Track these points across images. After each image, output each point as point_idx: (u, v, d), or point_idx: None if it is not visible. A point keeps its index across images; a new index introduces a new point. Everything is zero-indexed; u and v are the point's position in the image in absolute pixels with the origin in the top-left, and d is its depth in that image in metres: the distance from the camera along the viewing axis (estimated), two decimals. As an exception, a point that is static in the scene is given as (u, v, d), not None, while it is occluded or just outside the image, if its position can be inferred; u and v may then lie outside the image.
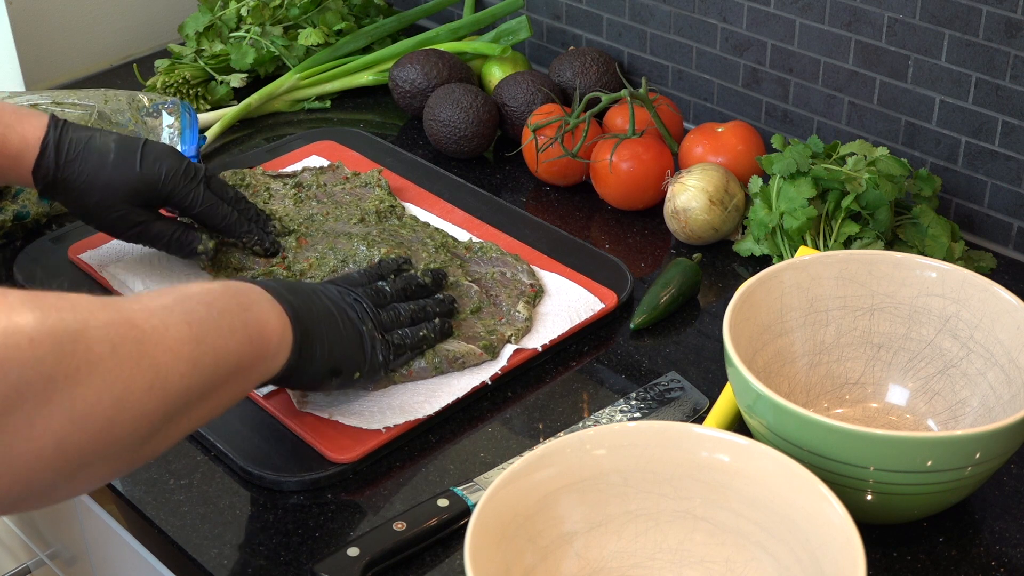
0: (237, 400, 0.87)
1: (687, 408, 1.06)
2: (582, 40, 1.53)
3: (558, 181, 1.36)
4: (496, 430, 1.05)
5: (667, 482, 0.88)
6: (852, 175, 1.16)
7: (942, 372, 1.01)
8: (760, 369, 0.99)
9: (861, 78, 1.27)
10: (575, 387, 1.10)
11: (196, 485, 1.00)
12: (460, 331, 1.10)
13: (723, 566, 0.87)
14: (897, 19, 1.22)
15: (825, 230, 1.17)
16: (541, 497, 0.85)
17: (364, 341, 0.99)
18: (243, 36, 1.56)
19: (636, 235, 1.29)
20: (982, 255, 1.22)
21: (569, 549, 0.87)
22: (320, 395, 1.05)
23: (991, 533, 0.95)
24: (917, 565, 0.92)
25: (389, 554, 0.92)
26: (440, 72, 1.47)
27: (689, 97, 1.45)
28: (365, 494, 0.99)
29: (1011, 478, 0.99)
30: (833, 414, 1.03)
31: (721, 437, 0.87)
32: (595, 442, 0.87)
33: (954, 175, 1.25)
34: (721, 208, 1.23)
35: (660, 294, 1.17)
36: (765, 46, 1.34)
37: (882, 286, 1.03)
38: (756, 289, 1.00)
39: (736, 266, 1.24)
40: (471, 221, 1.27)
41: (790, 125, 1.36)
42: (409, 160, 1.39)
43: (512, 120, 1.42)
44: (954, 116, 1.22)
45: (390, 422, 1.02)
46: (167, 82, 1.50)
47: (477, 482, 0.97)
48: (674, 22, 1.42)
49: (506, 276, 1.17)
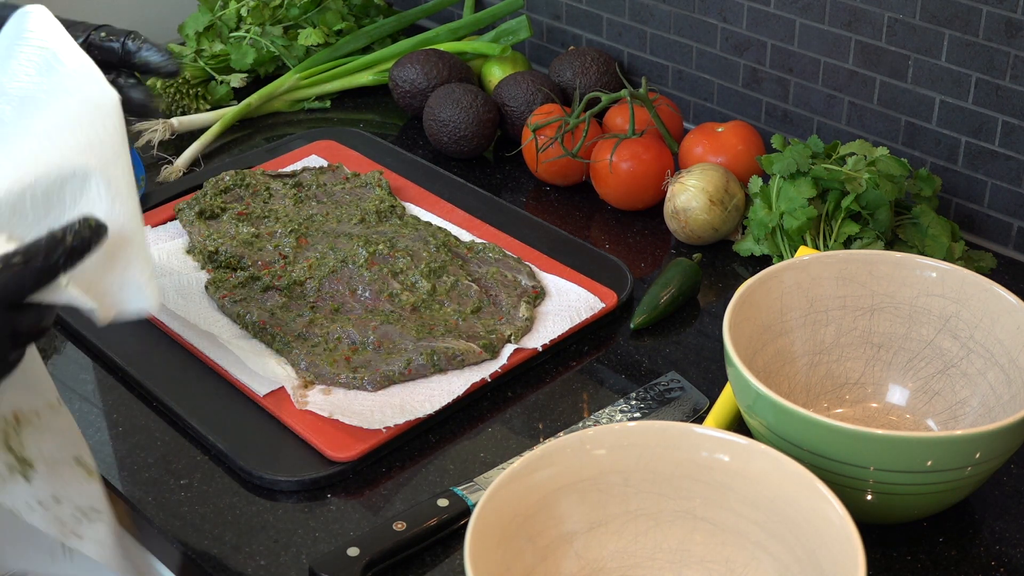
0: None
1: (687, 408, 1.06)
2: (582, 40, 1.53)
3: (558, 181, 1.36)
4: (496, 430, 1.05)
5: (667, 482, 0.88)
6: (852, 175, 1.16)
7: (942, 372, 1.01)
8: (760, 369, 0.99)
9: (861, 78, 1.27)
10: (575, 387, 1.10)
11: (196, 485, 1.00)
12: (460, 330, 1.10)
13: (723, 566, 0.87)
14: (897, 19, 1.22)
15: (825, 230, 1.17)
16: (541, 497, 0.85)
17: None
18: (243, 36, 1.56)
19: (636, 235, 1.29)
20: (982, 255, 1.22)
21: (569, 549, 0.87)
22: (320, 395, 1.05)
23: (991, 533, 0.95)
24: (917, 565, 0.92)
25: (389, 554, 0.92)
26: (440, 72, 1.47)
27: (689, 97, 1.45)
28: (365, 494, 0.99)
29: (1011, 478, 0.99)
30: (833, 414, 1.03)
31: (721, 437, 0.87)
32: (595, 442, 0.87)
33: (954, 175, 1.25)
34: (721, 208, 1.23)
35: (660, 294, 1.17)
36: (765, 46, 1.34)
37: (882, 286, 1.03)
38: (756, 289, 1.00)
39: (736, 266, 1.24)
40: (471, 221, 1.27)
41: (790, 125, 1.36)
42: (409, 160, 1.39)
43: (512, 120, 1.42)
44: (954, 116, 1.22)
45: (390, 421, 1.02)
46: (167, 82, 1.50)
47: (477, 482, 0.97)
48: (674, 22, 1.42)
49: (507, 277, 1.17)
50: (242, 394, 1.07)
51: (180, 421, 1.06)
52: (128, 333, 1.14)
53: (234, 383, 1.08)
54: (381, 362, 1.07)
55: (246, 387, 1.07)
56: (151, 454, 1.04)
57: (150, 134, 1.43)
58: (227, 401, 1.07)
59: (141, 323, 1.15)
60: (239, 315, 1.13)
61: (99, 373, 1.12)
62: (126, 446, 1.05)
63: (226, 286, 1.16)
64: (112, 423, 1.07)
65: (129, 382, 1.11)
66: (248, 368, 1.08)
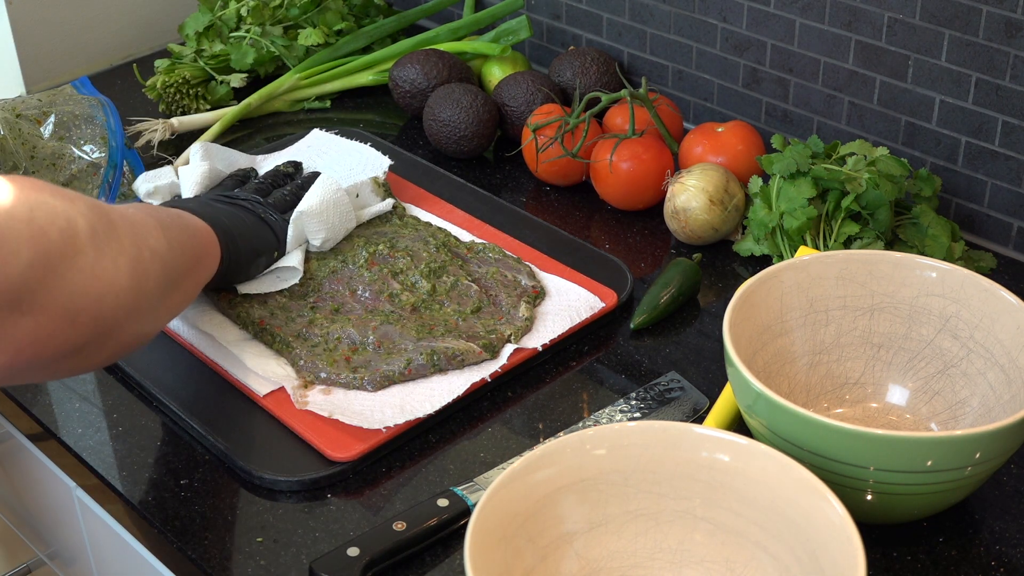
0: (198, 290, 1.03)
1: (687, 408, 1.06)
2: (582, 40, 1.53)
3: (558, 181, 1.36)
4: (496, 430, 1.05)
5: (667, 482, 0.88)
6: (852, 175, 1.16)
7: (942, 372, 1.01)
8: (760, 369, 0.99)
9: (861, 78, 1.27)
10: (575, 387, 1.10)
11: (196, 485, 1.00)
12: (460, 330, 1.10)
13: (723, 566, 0.87)
14: (897, 19, 1.22)
15: (825, 230, 1.17)
16: (541, 497, 0.85)
17: (268, 223, 1.15)
18: (243, 36, 1.56)
19: (636, 235, 1.29)
20: (982, 255, 1.22)
21: (569, 549, 0.87)
22: (320, 395, 1.05)
23: (991, 533, 0.95)
24: (917, 565, 0.92)
25: (389, 554, 0.92)
26: (440, 72, 1.47)
27: (689, 97, 1.45)
28: (365, 494, 0.99)
29: (1011, 478, 0.99)
30: (833, 414, 1.03)
31: (721, 437, 0.87)
32: (595, 442, 0.87)
33: (954, 175, 1.25)
34: (721, 208, 1.23)
35: (660, 294, 1.17)
36: (765, 46, 1.34)
37: (882, 286, 1.03)
38: (756, 289, 1.00)
39: (736, 266, 1.24)
40: (471, 221, 1.27)
41: (790, 125, 1.36)
42: (409, 160, 1.39)
43: (512, 120, 1.42)
44: (954, 116, 1.22)
45: (390, 421, 1.02)
46: (167, 82, 1.49)
47: (477, 482, 0.97)
48: (674, 22, 1.42)
49: (507, 277, 1.17)
50: (242, 394, 1.07)
51: (180, 421, 1.06)
52: (128, 333, 1.14)
53: (234, 383, 1.08)
54: (381, 362, 1.07)
55: (246, 387, 1.07)
56: (151, 454, 1.04)
57: (150, 134, 1.43)
58: (227, 401, 1.07)
59: (141, 323, 1.15)
60: (239, 315, 1.13)
61: (99, 373, 1.12)
62: (126, 446, 1.05)
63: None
64: (112, 423, 1.07)
65: (129, 382, 1.11)
66: (248, 368, 1.08)
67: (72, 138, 1.30)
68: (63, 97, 1.34)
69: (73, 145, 1.30)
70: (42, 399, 1.10)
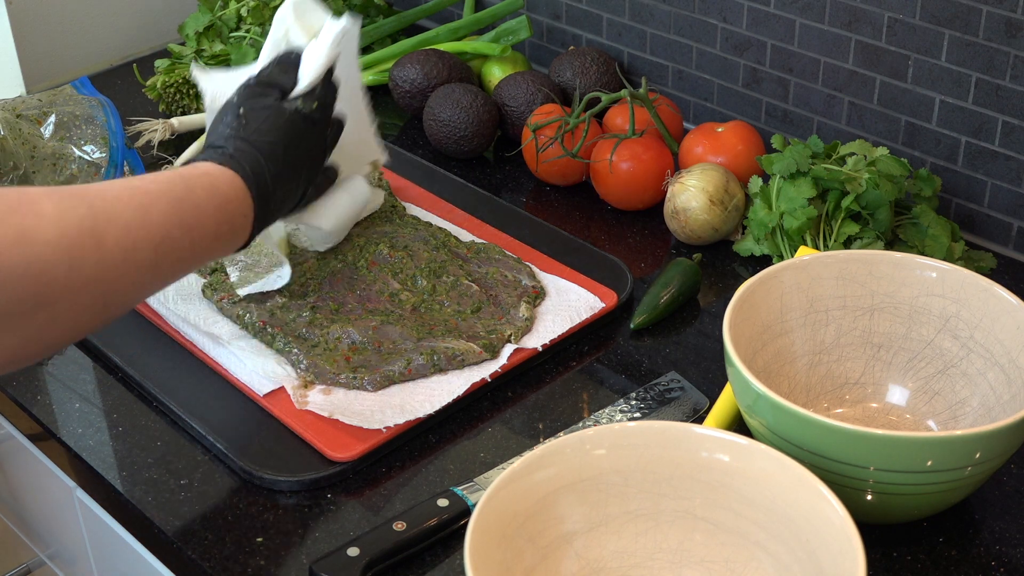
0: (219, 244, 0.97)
1: (687, 408, 1.06)
2: (582, 40, 1.53)
3: (558, 181, 1.36)
4: (496, 430, 1.05)
5: (667, 482, 0.88)
6: (852, 175, 1.16)
7: (942, 372, 1.01)
8: (760, 369, 0.99)
9: (861, 78, 1.27)
10: (575, 387, 1.10)
11: (196, 485, 1.00)
12: (460, 330, 1.10)
13: (723, 566, 0.87)
14: (897, 19, 1.22)
15: (825, 230, 1.17)
16: (541, 497, 0.85)
17: (309, 126, 1.05)
18: (243, 36, 1.56)
19: (636, 235, 1.29)
20: (982, 255, 1.22)
21: (569, 549, 0.87)
22: (320, 395, 1.05)
23: (991, 533, 0.95)
24: (917, 565, 0.92)
25: (389, 554, 0.92)
26: (440, 72, 1.47)
27: (689, 97, 1.45)
28: (365, 494, 0.99)
29: (1011, 478, 0.99)
30: (833, 414, 1.03)
31: (721, 437, 0.87)
32: (595, 442, 0.87)
33: (954, 175, 1.25)
34: (721, 208, 1.23)
35: (660, 294, 1.17)
36: (765, 46, 1.34)
37: (882, 286, 1.03)
38: (756, 289, 1.00)
39: (736, 266, 1.24)
40: (471, 221, 1.27)
41: (790, 125, 1.36)
42: (409, 160, 1.39)
43: (512, 120, 1.42)
44: (954, 116, 1.22)
45: (390, 421, 1.02)
46: (167, 82, 1.50)
47: (477, 482, 0.97)
48: (674, 22, 1.42)
49: (507, 277, 1.17)
50: (242, 394, 1.07)
51: (180, 421, 1.06)
52: (128, 333, 1.14)
53: (234, 383, 1.08)
54: (381, 362, 1.07)
55: (246, 387, 1.07)
56: (151, 454, 1.04)
57: (150, 134, 1.43)
58: (227, 401, 1.07)
59: (141, 323, 1.15)
60: (239, 315, 1.13)
61: (99, 373, 1.12)
62: (126, 446, 1.05)
63: (224, 288, 1.16)
64: (112, 423, 1.07)
65: (129, 382, 1.11)
66: (248, 368, 1.08)
67: (72, 138, 1.30)
68: (63, 97, 1.34)
69: (73, 145, 1.30)
70: (42, 399, 1.10)
